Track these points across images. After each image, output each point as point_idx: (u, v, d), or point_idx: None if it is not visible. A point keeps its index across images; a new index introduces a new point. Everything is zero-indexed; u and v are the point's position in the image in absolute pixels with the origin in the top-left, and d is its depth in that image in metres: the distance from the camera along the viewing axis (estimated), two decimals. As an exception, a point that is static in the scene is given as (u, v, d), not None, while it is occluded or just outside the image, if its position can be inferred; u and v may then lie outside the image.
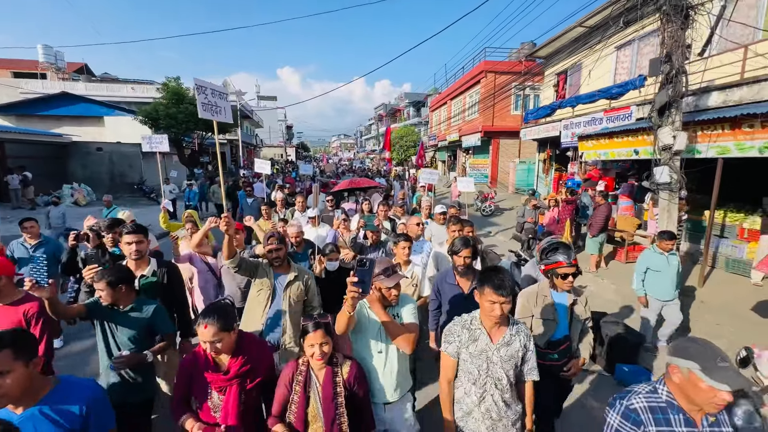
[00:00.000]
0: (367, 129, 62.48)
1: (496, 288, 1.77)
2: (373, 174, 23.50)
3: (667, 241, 4.01)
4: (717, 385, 1.22)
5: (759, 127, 4.55)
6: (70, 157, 17.23)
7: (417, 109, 40.39)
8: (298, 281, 2.71)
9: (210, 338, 1.72)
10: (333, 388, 1.78)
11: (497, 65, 18.31)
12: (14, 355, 1.30)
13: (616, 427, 1.42)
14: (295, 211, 6.14)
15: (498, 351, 1.85)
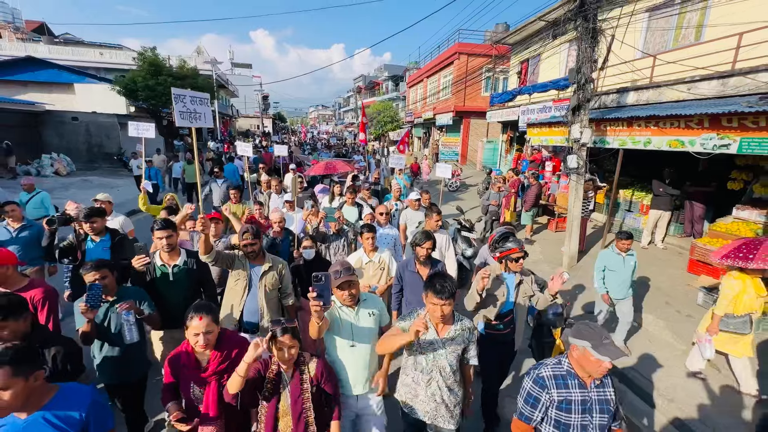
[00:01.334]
0: (346, 101, 61.88)
1: (437, 293, 1.97)
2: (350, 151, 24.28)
3: (624, 240, 4.02)
4: (602, 357, 1.64)
5: (643, 126, 5.98)
6: (44, 127, 17.08)
7: (396, 83, 40.62)
8: (273, 271, 2.91)
9: (204, 329, 1.89)
10: (300, 386, 1.91)
11: (471, 47, 19.20)
12: (13, 372, 1.37)
13: (528, 390, 1.83)
14: (272, 193, 6.29)
15: (443, 344, 2.08)
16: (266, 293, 2.84)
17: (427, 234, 3.07)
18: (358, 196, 5.89)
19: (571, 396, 1.76)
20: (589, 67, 5.73)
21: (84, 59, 25.82)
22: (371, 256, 3.53)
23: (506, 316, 2.90)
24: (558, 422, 1.77)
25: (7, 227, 4.02)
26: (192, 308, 1.96)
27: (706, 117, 4.94)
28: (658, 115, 5.51)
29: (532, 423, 1.82)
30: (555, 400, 1.77)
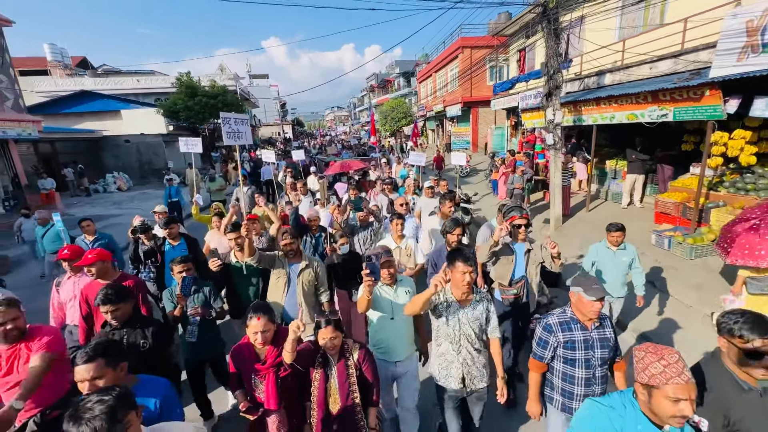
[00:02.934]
0: (360, 100, 63.49)
1: (465, 260, 2.18)
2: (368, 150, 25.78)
3: (614, 233, 3.58)
4: (590, 298, 2.03)
5: (607, 104, 7.17)
6: (103, 150, 19.75)
7: (407, 79, 41.77)
8: (309, 269, 3.14)
9: (262, 328, 2.06)
10: (346, 370, 2.12)
11: (474, 40, 20.26)
12: (105, 363, 1.58)
13: (539, 335, 2.24)
14: (299, 194, 6.70)
15: (466, 314, 2.28)
16: (304, 289, 3.08)
17: (456, 221, 3.22)
18: (378, 189, 6.59)
19: (574, 337, 2.14)
20: (555, 60, 6.98)
21: (124, 87, 28.66)
22: (399, 243, 3.72)
23: (518, 282, 3.20)
24: (565, 358, 2.17)
25: (84, 240, 4.64)
26: (251, 309, 2.15)
27: (649, 93, 6.13)
28: (614, 95, 6.72)
29: (545, 360, 2.25)
30: (561, 341, 2.16)
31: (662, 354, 1.35)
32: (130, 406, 1.29)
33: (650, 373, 1.34)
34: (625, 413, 1.46)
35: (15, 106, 11.88)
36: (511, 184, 8.62)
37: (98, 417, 1.18)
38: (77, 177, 15.92)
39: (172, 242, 4.06)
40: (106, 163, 19.65)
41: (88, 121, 22.25)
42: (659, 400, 1.32)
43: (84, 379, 1.55)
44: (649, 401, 1.37)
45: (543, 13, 6.76)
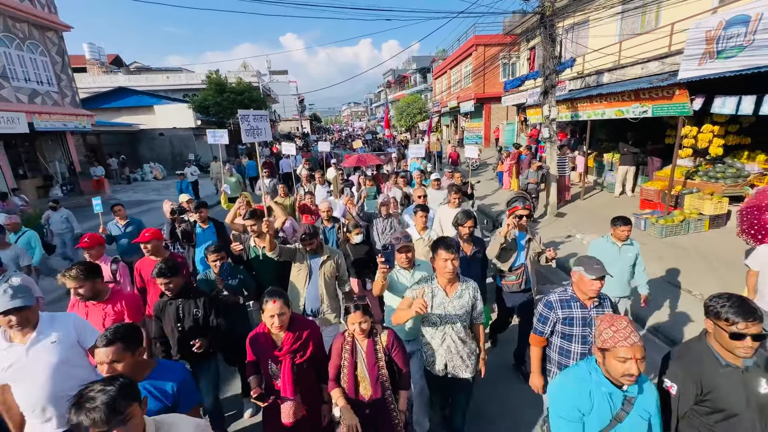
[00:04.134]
0: (377, 96, 64.38)
1: (447, 247, 2.24)
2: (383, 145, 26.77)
3: (621, 227, 3.38)
4: (590, 276, 2.12)
5: (598, 102, 7.97)
6: (139, 142, 21.45)
7: (423, 75, 42.39)
8: (330, 260, 3.16)
9: (278, 311, 2.09)
10: (375, 355, 2.16)
11: (487, 38, 20.91)
12: (124, 348, 1.64)
13: (539, 311, 2.37)
14: (316, 185, 7.05)
15: (452, 302, 2.32)
16: (325, 281, 3.11)
17: (467, 213, 3.27)
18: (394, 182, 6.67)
19: (572, 314, 2.23)
20: (551, 62, 7.82)
21: (155, 84, 30.43)
22: (422, 234, 3.68)
23: (518, 269, 3.35)
24: (564, 333, 2.28)
25: (116, 224, 4.87)
26: (266, 294, 2.14)
27: (632, 92, 6.93)
28: (603, 93, 7.52)
29: (544, 335, 2.35)
30: (560, 318, 2.26)
31: (612, 322, 1.54)
32: (132, 398, 1.28)
33: (603, 338, 1.53)
34: (591, 378, 1.61)
35: (72, 101, 13.42)
36: (526, 178, 8.65)
37: (98, 408, 1.18)
38: (120, 166, 17.57)
39: (203, 225, 4.34)
40: (142, 155, 21.35)
41: (124, 115, 23.98)
42: (611, 361, 1.51)
43: (103, 361, 1.60)
44: (603, 363, 1.56)
45: (540, 19, 7.60)
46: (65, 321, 2.16)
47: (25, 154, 13.03)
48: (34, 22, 11.81)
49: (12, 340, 2.01)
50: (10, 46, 11.11)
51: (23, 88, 11.48)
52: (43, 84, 12.20)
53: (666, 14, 8.47)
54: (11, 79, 11.01)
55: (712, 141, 6.44)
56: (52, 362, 2.00)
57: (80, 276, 2.41)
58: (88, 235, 3.38)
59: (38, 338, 2.01)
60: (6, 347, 1.97)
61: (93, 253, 3.26)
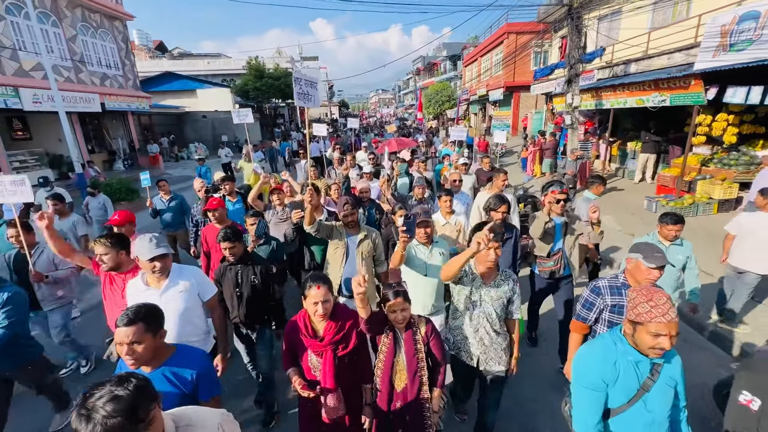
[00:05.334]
0: (405, 83, 64.32)
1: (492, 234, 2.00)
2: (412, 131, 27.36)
3: (670, 225, 2.95)
4: (648, 264, 1.97)
5: (621, 91, 8.37)
6: (185, 124, 23.15)
7: (453, 63, 42.06)
8: (368, 239, 3.08)
9: (323, 298, 1.93)
10: (414, 345, 2.06)
11: (519, 26, 20.89)
12: (145, 328, 1.55)
13: (585, 297, 2.24)
14: (347, 167, 6.93)
15: (488, 292, 2.21)
16: (362, 260, 3.03)
17: (501, 198, 3.11)
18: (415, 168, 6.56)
19: (623, 302, 2.06)
20: (576, 52, 8.27)
21: (196, 69, 32.13)
22: (448, 218, 3.67)
23: (555, 254, 3.26)
24: (611, 323, 2.14)
25: (161, 198, 5.11)
26: (309, 278, 2.01)
27: (651, 82, 7.34)
28: (624, 83, 7.93)
29: (588, 322, 2.23)
30: (608, 305, 2.13)
31: (651, 296, 1.47)
32: (152, 399, 1.12)
33: (638, 311, 1.47)
34: (616, 348, 1.58)
35: (134, 84, 14.94)
36: (563, 168, 8.55)
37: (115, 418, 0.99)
38: (169, 145, 19.21)
39: (231, 198, 4.50)
40: (187, 135, 23.06)
41: (169, 98, 25.76)
42: (642, 335, 1.47)
43: (122, 342, 1.52)
44: (633, 334, 1.52)
45: (568, 11, 8.05)
46: (190, 273, 2.38)
47: (93, 131, 14.71)
48: (105, 12, 13.24)
49: (149, 284, 2.25)
50: (86, 34, 12.59)
51: (96, 72, 13.00)
52: (111, 68, 13.70)
53: (696, 5, 8.64)
54: (87, 64, 12.51)
55: (726, 129, 6.79)
56: (180, 308, 2.23)
57: (107, 244, 2.46)
58: (118, 212, 3.45)
59: (170, 285, 2.24)
60: (144, 290, 2.22)
61: (123, 230, 3.29)
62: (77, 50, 12.19)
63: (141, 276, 2.27)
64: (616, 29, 11.73)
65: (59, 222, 4.40)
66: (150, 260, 2.15)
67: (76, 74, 12.16)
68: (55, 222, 4.32)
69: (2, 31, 9.81)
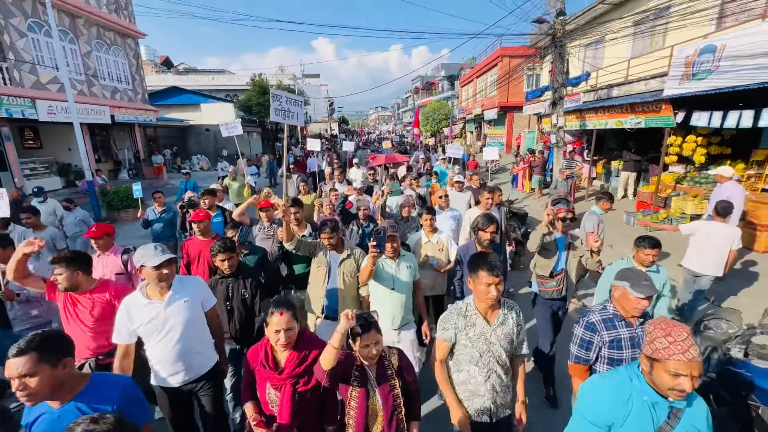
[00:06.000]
0: (404, 101, 65.89)
1: (491, 269, 1.84)
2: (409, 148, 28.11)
3: (647, 249, 2.81)
4: (637, 295, 1.86)
5: (602, 113, 9.00)
6: (188, 136, 23.79)
7: (451, 82, 43.43)
8: (351, 259, 2.97)
9: (285, 325, 1.76)
10: (388, 381, 1.83)
11: (513, 50, 21.93)
12: (39, 358, 1.33)
13: (580, 336, 2.05)
14: (335, 182, 6.95)
15: (495, 331, 1.95)
16: (345, 281, 2.91)
17: (489, 217, 2.99)
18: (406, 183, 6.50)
19: (620, 335, 1.98)
20: (560, 77, 8.92)
21: (201, 84, 33.07)
22: (430, 237, 3.60)
23: (557, 274, 3.15)
24: (611, 359, 2.00)
25: (154, 210, 5.22)
26: (272, 303, 1.84)
27: (629, 105, 7.95)
28: (604, 105, 8.56)
29: (589, 362, 2.06)
30: (606, 341, 2.00)
31: (670, 331, 1.36)
32: None
33: (655, 347, 1.36)
34: (632, 385, 1.46)
35: (142, 98, 15.57)
36: (555, 188, 8.56)
37: None
38: (172, 157, 19.75)
39: (211, 212, 4.38)
40: (190, 148, 23.65)
41: (174, 112, 26.48)
42: (660, 373, 1.36)
43: (12, 376, 1.32)
44: (650, 372, 1.40)
45: (552, 40, 8.74)
46: (192, 283, 2.35)
47: (101, 142, 15.23)
48: (119, 30, 13.98)
49: (150, 297, 2.16)
50: (101, 50, 13.27)
51: (108, 85, 13.62)
52: (122, 82, 14.34)
53: (671, 37, 9.37)
54: (100, 78, 13.14)
55: (695, 150, 7.36)
56: (186, 319, 2.17)
57: (62, 263, 2.31)
58: (96, 224, 3.32)
59: (174, 297, 2.17)
60: (145, 303, 2.13)
61: (101, 243, 3.17)
62: (91, 65, 12.83)
63: (140, 290, 2.18)
64: (601, 56, 12.53)
65: (34, 234, 4.28)
66: (157, 267, 2.06)
67: (89, 87, 12.76)
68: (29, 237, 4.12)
69: (24, 47, 10.42)
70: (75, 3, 11.80)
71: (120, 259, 3.20)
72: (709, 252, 4.09)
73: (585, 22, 12.35)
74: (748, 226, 5.91)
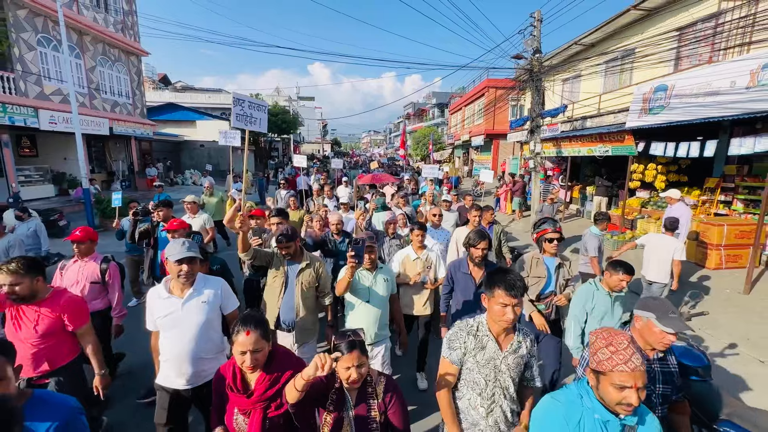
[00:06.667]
0: (396, 126, 67.85)
1: (509, 288, 1.65)
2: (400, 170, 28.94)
3: (621, 275, 2.66)
4: (665, 329, 1.66)
5: (575, 142, 9.79)
6: (182, 151, 24.15)
7: (441, 110, 45.21)
8: (310, 269, 2.85)
9: (252, 346, 1.58)
10: (368, 413, 1.62)
11: (498, 82, 23.32)
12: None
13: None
14: (324, 197, 7.14)
15: (506, 359, 1.75)
16: (302, 291, 2.82)
17: (481, 234, 2.98)
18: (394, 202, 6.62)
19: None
20: (537, 108, 9.74)
21: (197, 101, 33.76)
22: (419, 254, 3.52)
23: (546, 297, 3.05)
24: None
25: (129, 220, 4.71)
26: (239, 320, 1.64)
27: (597, 135, 8.73)
28: (576, 135, 9.34)
29: None
30: None
31: (611, 340, 1.30)
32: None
33: (598, 358, 1.31)
34: (582, 403, 1.37)
35: (141, 113, 16.02)
36: (540, 212, 8.53)
37: None
38: (166, 170, 20.03)
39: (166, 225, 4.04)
40: (183, 162, 23.98)
41: (170, 127, 26.96)
42: (606, 387, 1.29)
43: None
44: (597, 387, 1.33)
45: (530, 75, 9.61)
46: (215, 284, 2.27)
47: (96, 153, 15.49)
48: (123, 48, 14.59)
49: (171, 292, 2.15)
50: (104, 66, 13.81)
51: (108, 99, 14.08)
52: (122, 97, 14.81)
53: (636, 75, 10.37)
54: (101, 92, 13.59)
55: (656, 177, 8.10)
56: (200, 320, 2.11)
57: (20, 271, 2.09)
58: (81, 228, 3.14)
59: (193, 295, 2.14)
60: (165, 297, 2.13)
61: (83, 248, 3.07)
62: (94, 79, 13.31)
63: (164, 283, 2.18)
64: (578, 90, 13.60)
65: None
66: (178, 262, 2.06)
67: (90, 100, 13.17)
68: None
69: (31, 60, 10.87)
70: (85, 22, 12.41)
71: (99, 267, 3.11)
72: (656, 261, 4.63)
73: (562, 60, 13.52)
74: (701, 245, 6.54)
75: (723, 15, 7.20)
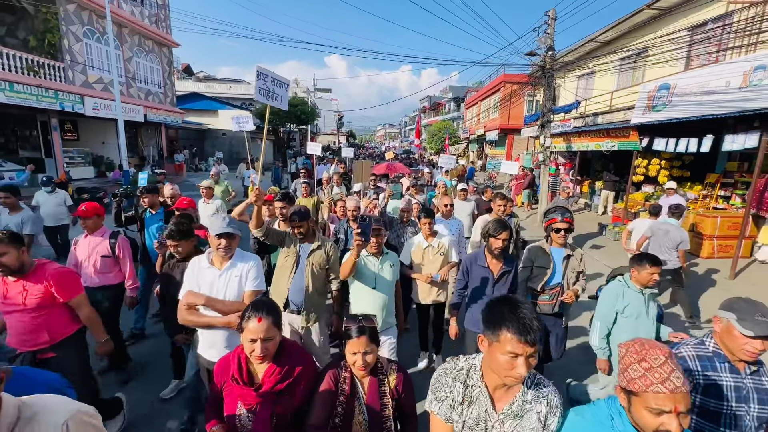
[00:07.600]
0: (412, 120, 68.02)
1: (523, 333, 1.12)
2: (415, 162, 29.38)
3: (650, 268, 2.48)
4: (745, 332, 1.36)
5: (584, 137, 10.18)
6: (206, 139, 25.21)
7: (457, 104, 45.17)
8: (321, 250, 2.84)
9: (264, 334, 1.49)
10: (380, 400, 1.58)
11: (514, 77, 23.46)
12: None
13: None
14: (333, 186, 7.21)
15: (502, 423, 1.23)
16: (313, 272, 2.81)
17: (503, 223, 2.76)
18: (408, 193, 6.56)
19: (721, 380, 1.49)
20: (548, 104, 10.14)
21: (219, 91, 34.89)
22: (430, 241, 3.44)
23: (552, 288, 2.90)
24: (705, 410, 1.51)
25: None
26: (250, 306, 1.56)
27: (605, 131, 9.12)
28: (584, 130, 9.73)
29: None
30: (701, 384, 1.51)
31: (644, 354, 1.07)
32: None
33: (629, 376, 1.08)
34: (613, 426, 1.13)
35: (171, 101, 16.98)
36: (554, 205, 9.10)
37: None
38: (191, 157, 21.07)
39: (152, 210, 4.20)
40: (207, 149, 25.05)
41: (193, 116, 28.03)
42: (638, 410, 1.06)
43: None
44: (629, 409, 1.10)
45: (542, 71, 10.01)
46: (249, 261, 2.29)
47: (129, 138, 16.50)
48: (157, 40, 15.50)
49: (212, 263, 2.24)
50: (140, 56, 14.74)
51: (143, 88, 15.04)
52: (155, 86, 15.76)
53: (650, 72, 10.64)
54: (137, 81, 14.55)
55: (659, 172, 8.47)
56: (233, 294, 2.18)
57: (4, 239, 2.09)
58: (86, 203, 3.19)
59: (229, 269, 2.21)
60: (206, 267, 2.23)
61: (89, 223, 3.10)
62: (131, 69, 14.26)
63: (207, 254, 2.27)
64: (592, 87, 13.86)
65: (8, 217, 4.31)
66: (218, 236, 2.15)
67: (127, 89, 14.14)
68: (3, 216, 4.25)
69: (78, 50, 11.83)
70: (124, 15, 13.32)
71: (108, 242, 3.16)
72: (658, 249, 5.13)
73: (578, 57, 13.77)
74: (697, 236, 6.97)
75: (731, 15, 7.49)
